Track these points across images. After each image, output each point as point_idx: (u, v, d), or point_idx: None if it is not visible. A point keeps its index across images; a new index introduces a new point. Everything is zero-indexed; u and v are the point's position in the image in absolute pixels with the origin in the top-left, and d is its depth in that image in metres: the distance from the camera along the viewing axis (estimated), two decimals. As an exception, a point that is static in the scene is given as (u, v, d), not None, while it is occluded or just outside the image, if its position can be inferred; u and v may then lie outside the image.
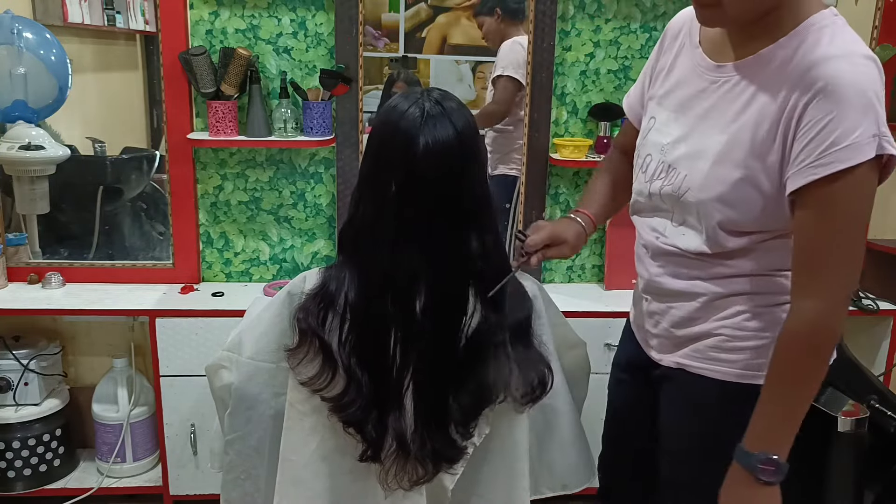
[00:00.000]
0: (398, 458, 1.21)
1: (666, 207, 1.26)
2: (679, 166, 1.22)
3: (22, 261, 2.43)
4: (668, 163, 1.25)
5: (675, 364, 1.30)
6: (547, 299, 1.36)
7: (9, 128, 2.27)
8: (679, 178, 1.22)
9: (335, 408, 1.20)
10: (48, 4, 2.51)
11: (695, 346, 1.27)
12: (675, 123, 1.25)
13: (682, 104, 1.25)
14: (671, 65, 1.30)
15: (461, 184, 1.16)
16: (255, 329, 1.30)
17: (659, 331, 1.33)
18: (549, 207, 2.52)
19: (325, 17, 2.32)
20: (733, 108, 1.16)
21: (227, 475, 1.34)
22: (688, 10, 1.30)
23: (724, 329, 1.23)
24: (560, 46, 2.39)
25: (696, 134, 1.21)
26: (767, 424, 1.12)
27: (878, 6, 2.36)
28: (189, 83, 2.30)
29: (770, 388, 1.13)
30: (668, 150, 1.25)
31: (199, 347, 2.20)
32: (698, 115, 1.21)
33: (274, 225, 2.50)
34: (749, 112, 1.14)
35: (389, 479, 1.22)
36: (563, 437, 1.38)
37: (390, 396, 1.19)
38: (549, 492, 1.40)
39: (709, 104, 1.20)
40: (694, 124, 1.22)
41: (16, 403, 2.30)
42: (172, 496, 2.35)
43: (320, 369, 1.19)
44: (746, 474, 1.13)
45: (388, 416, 1.19)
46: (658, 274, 1.30)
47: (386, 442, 1.20)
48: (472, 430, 1.23)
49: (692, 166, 1.20)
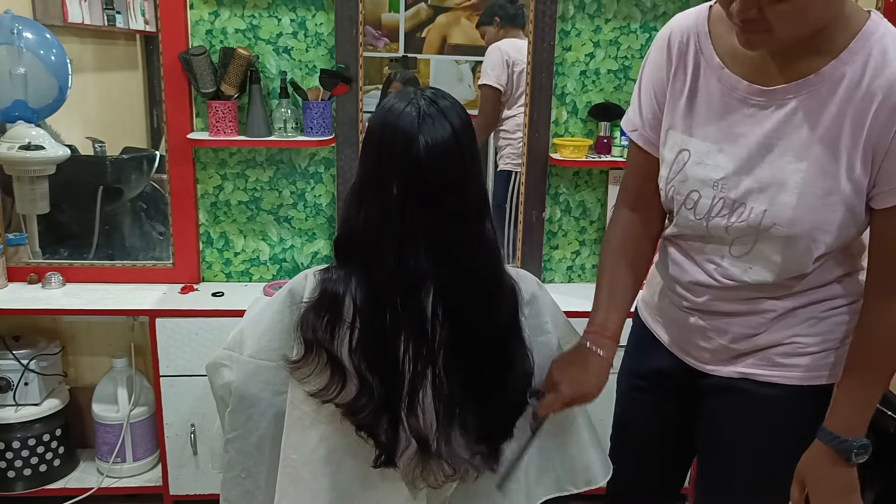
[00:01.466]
0: (419, 458, 1.21)
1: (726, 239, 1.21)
2: (750, 201, 1.15)
3: (22, 261, 2.43)
4: (731, 199, 1.16)
5: (738, 374, 1.28)
6: (547, 296, 1.36)
7: (9, 128, 2.27)
8: (754, 214, 1.14)
9: (347, 412, 1.19)
10: (48, 4, 2.51)
11: (762, 354, 1.26)
12: (722, 155, 1.17)
13: (725, 134, 1.17)
14: (691, 88, 1.21)
15: (461, 180, 1.18)
16: (257, 327, 1.30)
17: (713, 346, 1.29)
18: (549, 207, 2.52)
19: (325, 17, 2.32)
20: (803, 132, 1.09)
21: (228, 473, 1.34)
22: (685, 22, 1.23)
23: (793, 338, 1.24)
24: (560, 46, 2.39)
25: (765, 165, 1.13)
26: (857, 411, 1.18)
27: (878, 6, 2.36)
28: (189, 83, 2.30)
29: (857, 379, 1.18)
30: (726, 185, 1.16)
31: (199, 347, 2.20)
32: (757, 144, 1.13)
33: (274, 225, 2.50)
34: (826, 134, 1.08)
35: (413, 478, 1.23)
36: (580, 434, 1.39)
37: (405, 398, 1.19)
38: (573, 488, 1.40)
39: (766, 131, 1.13)
40: (753, 155, 1.14)
41: (16, 403, 2.30)
42: (172, 496, 2.35)
43: (329, 380, 1.19)
44: (836, 455, 1.18)
45: (402, 418, 1.19)
46: (710, 298, 1.26)
47: (400, 445, 1.20)
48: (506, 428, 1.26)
49: (773, 200, 1.12)
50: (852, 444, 1.17)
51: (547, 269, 2.60)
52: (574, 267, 2.61)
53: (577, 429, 1.38)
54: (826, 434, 1.19)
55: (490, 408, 1.22)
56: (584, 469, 1.39)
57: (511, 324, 1.23)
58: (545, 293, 1.36)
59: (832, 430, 1.18)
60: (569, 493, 1.40)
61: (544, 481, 1.38)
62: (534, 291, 1.32)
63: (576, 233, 2.56)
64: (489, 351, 1.22)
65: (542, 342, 1.32)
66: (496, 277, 1.22)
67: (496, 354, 1.22)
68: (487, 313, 1.20)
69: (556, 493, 1.39)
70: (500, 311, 1.21)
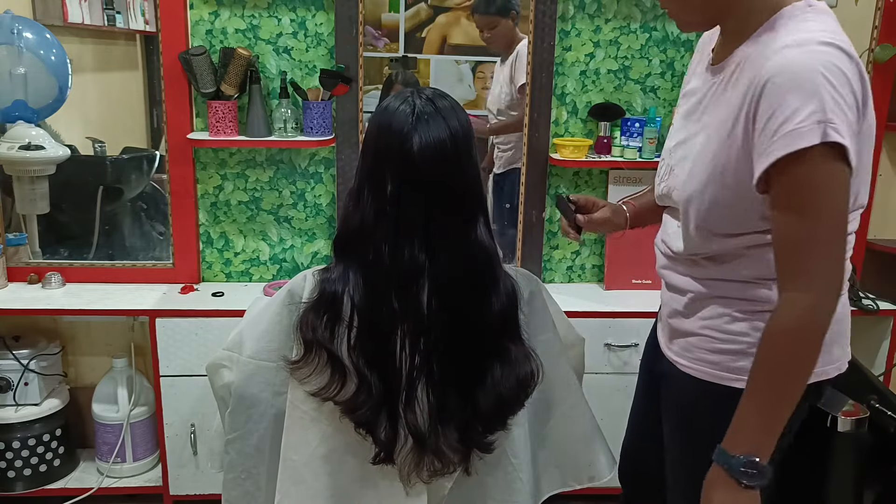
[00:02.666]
0: (415, 453, 1.22)
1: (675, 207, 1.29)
2: (675, 168, 1.27)
3: (22, 261, 2.43)
4: (671, 165, 1.29)
5: (672, 359, 1.32)
6: (548, 296, 1.36)
7: (9, 128, 2.27)
8: (673, 179, 1.27)
9: (346, 409, 1.20)
10: (48, 4, 2.51)
11: (685, 342, 1.28)
12: (681, 128, 1.30)
13: (689, 110, 1.28)
14: (690, 74, 1.35)
15: (455, 178, 1.18)
16: (256, 328, 1.30)
17: (664, 319, 1.37)
18: (549, 207, 2.52)
19: (325, 17, 2.32)
20: (710, 110, 1.20)
21: (228, 474, 1.34)
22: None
23: (706, 330, 1.24)
24: (560, 46, 2.39)
25: (691, 136, 1.24)
26: (749, 424, 1.08)
27: (878, 6, 2.36)
28: (189, 83, 2.30)
29: (753, 385, 1.08)
30: (672, 152, 1.30)
31: (199, 347, 2.20)
32: (696, 118, 1.25)
33: (274, 225, 2.50)
34: (723, 111, 1.15)
35: (406, 473, 1.23)
36: (584, 431, 1.39)
37: (402, 393, 1.20)
38: (576, 484, 1.41)
39: (703, 106, 1.24)
40: (691, 127, 1.26)
41: (16, 403, 2.30)
42: (172, 496, 2.35)
43: (330, 379, 1.19)
44: (727, 477, 1.08)
45: (399, 413, 1.20)
46: (661, 266, 1.36)
47: (399, 441, 1.21)
48: (498, 425, 1.25)
49: (682, 168, 1.24)
50: (739, 460, 1.06)
51: (547, 269, 2.60)
52: (574, 267, 2.61)
53: (582, 425, 1.39)
54: (718, 450, 1.10)
55: (483, 402, 1.22)
56: (588, 465, 1.40)
57: (505, 319, 1.23)
58: (545, 292, 1.37)
59: (724, 444, 1.09)
60: (572, 488, 1.41)
61: (549, 476, 1.38)
62: (533, 290, 1.33)
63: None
64: (483, 346, 1.22)
65: (543, 341, 1.33)
66: (490, 275, 1.22)
67: (490, 349, 1.22)
68: (480, 309, 1.21)
69: (559, 488, 1.40)
70: (492, 307, 1.21)
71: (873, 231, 2.55)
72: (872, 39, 2.38)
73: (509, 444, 1.30)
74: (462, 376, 1.21)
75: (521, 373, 1.24)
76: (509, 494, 1.31)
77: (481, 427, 1.24)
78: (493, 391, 1.22)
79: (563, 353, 1.38)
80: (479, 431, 1.23)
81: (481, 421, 1.23)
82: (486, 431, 1.24)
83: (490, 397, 1.22)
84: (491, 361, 1.22)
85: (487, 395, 1.22)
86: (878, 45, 2.35)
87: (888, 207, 2.57)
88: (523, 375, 1.24)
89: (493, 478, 1.31)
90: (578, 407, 1.40)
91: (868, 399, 1.45)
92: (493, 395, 1.22)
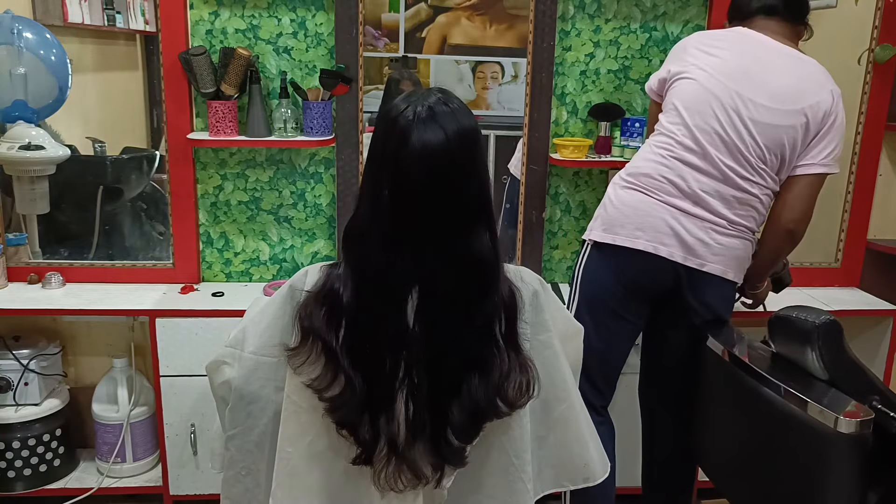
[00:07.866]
0: (389, 461, 1.20)
1: None
2: None
3: (22, 261, 2.43)
4: None
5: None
6: (548, 293, 1.36)
7: (9, 128, 2.27)
8: None
9: (330, 408, 1.19)
10: (48, 4, 2.51)
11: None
12: None
13: None
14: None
15: (453, 187, 1.14)
16: (258, 324, 1.30)
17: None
18: (550, 207, 2.52)
19: (325, 17, 2.32)
20: None
21: (228, 471, 1.34)
22: None
23: None
24: (560, 46, 2.39)
25: None
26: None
27: (878, 6, 2.36)
28: (189, 83, 2.30)
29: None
30: None
31: (199, 347, 2.20)
32: None
33: (274, 225, 2.50)
34: None
35: (381, 480, 1.21)
36: (579, 431, 1.39)
37: (383, 400, 1.19)
38: (570, 485, 1.40)
39: None
40: None
41: (16, 403, 2.30)
42: (172, 496, 2.35)
43: (323, 370, 1.19)
44: None
45: (380, 419, 1.19)
46: None
47: (379, 445, 1.20)
48: (472, 436, 1.22)
49: None
50: None
51: (547, 269, 2.60)
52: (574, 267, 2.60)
53: (578, 425, 1.38)
54: None
55: (460, 412, 1.19)
56: (584, 466, 1.39)
57: (491, 332, 1.20)
58: (547, 290, 1.36)
59: None
60: (565, 489, 1.40)
61: (544, 476, 1.38)
62: (536, 289, 1.32)
63: (576, 233, 2.56)
64: (464, 359, 1.19)
65: (542, 340, 1.32)
66: (482, 288, 1.18)
67: (470, 363, 1.19)
68: (463, 322, 1.18)
69: (552, 488, 1.39)
70: (475, 321, 1.18)
71: (873, 231, 2.54)
72: (872, 39, 2.38)
73: (511, 445, 1.30)
74: (440, 389, 1.19)
75: (519, 382, 1.22)
76: (511, 496, 1.31)
77: (457, 438, 1.21)
78: (469, 404, 1.19)
79: (562, 353, 1.37)
80: (452, 445, 1.21)
81: (455, 432, 1.20)
82: (463, 442, 1.22)
83: (465, 410, 1.19)
84: (471, 374, 1.19)
85: (463, 408, 1.19)
86: (878, 45, 2.35)
87: (888, 207, 2.57)
88: (519, 385, 1.22)
89: (495, 479, 1.31)
90: (575, 407, 1.39)
91: (870, 400, 1.45)
92: (469, 408, 1.19)
